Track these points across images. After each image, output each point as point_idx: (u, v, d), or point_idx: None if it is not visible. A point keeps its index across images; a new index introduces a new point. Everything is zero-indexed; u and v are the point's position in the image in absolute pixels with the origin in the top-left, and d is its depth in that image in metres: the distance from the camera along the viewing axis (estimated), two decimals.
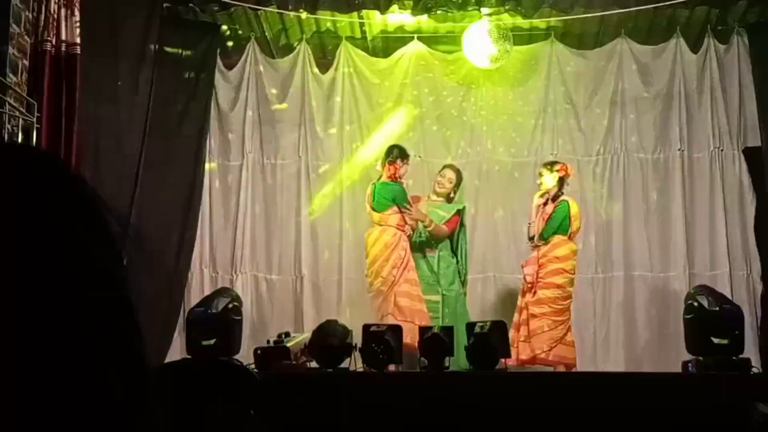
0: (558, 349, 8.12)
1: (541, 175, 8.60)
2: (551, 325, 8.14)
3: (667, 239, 9.48)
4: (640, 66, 9.73)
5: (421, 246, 8.70)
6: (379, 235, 8.54)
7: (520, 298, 8.44)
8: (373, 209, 8.61)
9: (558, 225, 8.34)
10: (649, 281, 9.45)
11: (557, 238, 8.31)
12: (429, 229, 8.55)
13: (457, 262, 8.77)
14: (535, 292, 8.22)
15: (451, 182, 8.82)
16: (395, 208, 8.51)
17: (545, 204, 8.50)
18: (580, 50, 9.91)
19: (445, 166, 9.04)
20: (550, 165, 8.62)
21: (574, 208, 8.46)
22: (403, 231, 8.51)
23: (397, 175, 8.62)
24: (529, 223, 8.62)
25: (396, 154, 8.70)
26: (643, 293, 9.43)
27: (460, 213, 8.80)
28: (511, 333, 8.14)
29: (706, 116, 9.58)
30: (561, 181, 8.50)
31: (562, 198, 8.46)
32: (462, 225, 8.85)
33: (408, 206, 8.53)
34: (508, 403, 6.07)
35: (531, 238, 8.53)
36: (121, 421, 0.72)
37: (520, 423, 5.94)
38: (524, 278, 8.33)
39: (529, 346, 8.14)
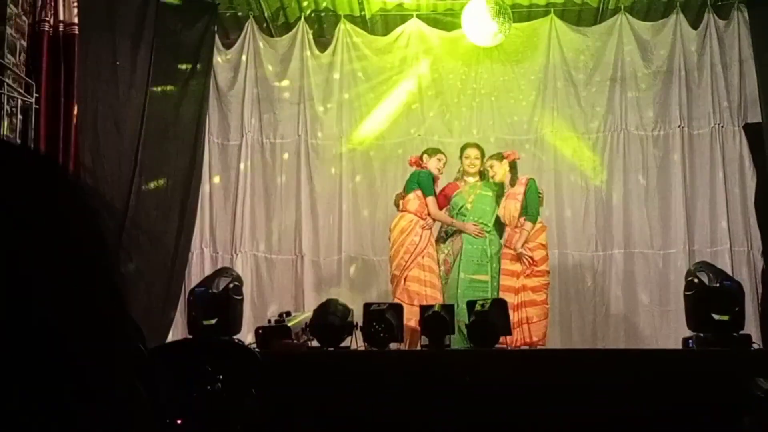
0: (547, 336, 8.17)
1: (492, 167, 8.54)
2: (546, 313, 8.16)
3: (668, 216, 9.48)
4: (640, 42, 9.70)
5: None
6: (397, 221, 8.53)
7: (509, 278, 8.30)
8: (404, 192, 8.60)
9: (538, 201, 8.35)
10: (649, 258, 9.45)
11: (538, 224, 8.31)
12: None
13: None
14: (531, 277, 8.19)
15: (478, 158, 8.63)
16: (418, 193, 8.45)
17: (500, 194, 8.47)
18: (580, 27, 9.88)
19: (466, 146, 8.79)
20: (497, 155, 8.60)
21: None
22: (422, 218, 8.43)
23: (423, 166, 8.60)
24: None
25: (422, 155, 8.75)
26: (643, 270, 9.43)
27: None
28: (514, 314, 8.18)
29: (706, 92, 9.56)
30: (513, 166, 8.49)
31: (528, 176, 8.47)
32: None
33: (430, 193, 8.47)
34: (508, 380, 6.08)
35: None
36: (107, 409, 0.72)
37: (519, 399, 5.95)
38: (528, 258, 8.23)
39: (532, 330, 8.12)
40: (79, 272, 0.74)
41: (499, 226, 8.53)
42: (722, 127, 9.51)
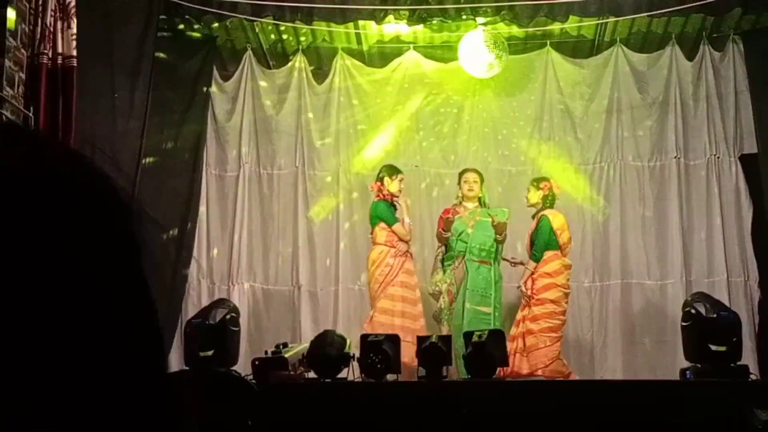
0: (555, 365, 8.15)
1: (528, 190, 8.62)
2: (546, 341, 8.15)
3: (665, 247, 9.48)
4: (636, 74, 9.74)
5: (476, 254, 8.47)
6: (369, 254, 8.63)
7: (518, 311, 8.44)
8: (372, 228, 8.68)
9: (546, 241, 8.34)
10: (646, 289, 9.44)
11: (548, 254, 8.32)
12: (500, 238, 8.46)
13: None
14: (529, 307, 8.24)
15: (476, 182, 8.65)
16: (383, 225, 8.54)
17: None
18: (576, 58, 9.92)
19: (465, 170, 8.84)
20: (536, 182, 8.64)
21: (557, 222, 8.45)
22: (392, 246, 8.50)
23: (384, 193, 8.63)
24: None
25: (381, 173, 8.76)
26: (640, 301, 9.42)
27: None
28: (509, 345, 8.27)
29: (702, 124, 9.59)
30: (546, 198, 8.51)
31: (542, 213, 8.47)
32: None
33: (393, 222, 8.52)
34: (506, 411, 6.07)
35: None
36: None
37: (517, 430, 5.94)
38: (521, 292, 8.34)
39: (527, 361, 8.16)
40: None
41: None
42: (718, 158, 9.54)
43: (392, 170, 8.77)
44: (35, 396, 0.66)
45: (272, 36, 9.88)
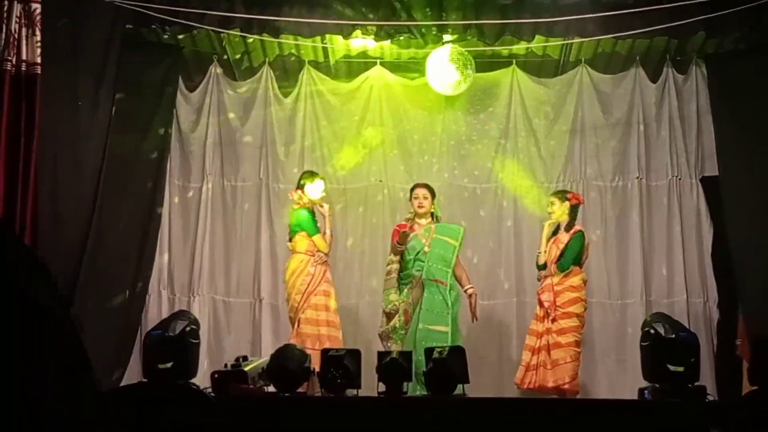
0: (577, 380, 8.20)
1: (552, 204, 8.61)
2: (574, 356, 8.19)
3: (625, 266, 9.54)
4: (600, 94, 9.82)
5: (432, 274, 8.36)
6: (289, 263, 8.67)
7: (536, 322, 8.45)
8: (290, 236, 8.72)
9: (575, 255, 8.38)
10: (606, 308, 9.49)
11: (573, 268, 8.36)
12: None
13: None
14: (554, 320, 8.24)
15: (426, 198, 8.56)
16: (303, 234, 8.55)
17: (555, 232, 8.55)
18: (541, 78, 9.98)
19: (415, 186, 8.76)
20: (561, 194, 8.66)
21: (586, 239, 8.55)
22: (313, 255, 8.54)
23: (304, 201, 8.68)
24: (538, 252, 8.64)
25: (302, 180, 8.87)
26: (600, 320, 9.47)
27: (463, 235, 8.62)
28: (525, 355, 8.38)
29: (665, 145, 9.67)
30: (574, 210, 8.56)
31: (578, 228, 8.52)
32: (460, 246, 8.60)
33: (315, 232, 8.58)
34: (465, 429, 6.07)
35: (540, 267, 8.54)
36: None
37: None
38: (541, 304, 8.34)
39: (552, 374, 8.17)
40: None
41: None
42: (680, 179, 9.62)
43: (312, 176, 8.80)
44: None
45: (239, 48, 9.85)
